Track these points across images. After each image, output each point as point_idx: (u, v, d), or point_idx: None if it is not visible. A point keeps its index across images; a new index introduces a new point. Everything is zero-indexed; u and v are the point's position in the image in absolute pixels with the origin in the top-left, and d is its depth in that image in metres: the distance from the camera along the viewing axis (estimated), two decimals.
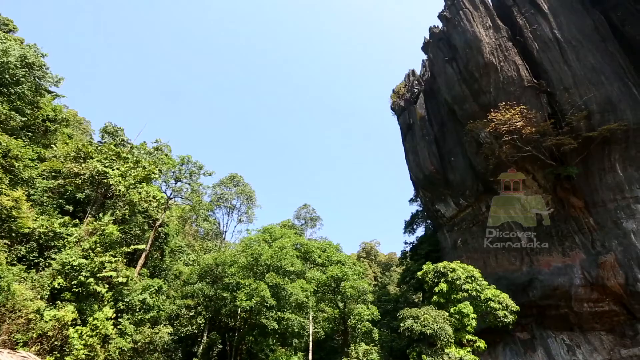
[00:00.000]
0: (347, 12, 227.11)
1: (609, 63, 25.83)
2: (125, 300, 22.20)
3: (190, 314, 29.40)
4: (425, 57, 40.67)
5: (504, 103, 26.36)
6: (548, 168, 25.36)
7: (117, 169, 26.25)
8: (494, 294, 23.42)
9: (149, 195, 26.98)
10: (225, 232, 52.78)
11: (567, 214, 25.06)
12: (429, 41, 37.34)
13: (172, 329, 25.91)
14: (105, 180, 25.13)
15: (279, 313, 27.60)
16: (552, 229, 25.53)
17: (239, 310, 29.57)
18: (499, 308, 22.76)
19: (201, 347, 29.06)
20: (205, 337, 29.75)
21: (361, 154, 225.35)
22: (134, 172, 26.65)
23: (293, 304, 28.17)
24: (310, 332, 30.80)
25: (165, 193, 32.68)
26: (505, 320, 22.55)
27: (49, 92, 31.75)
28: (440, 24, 36.24)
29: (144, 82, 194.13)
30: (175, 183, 33.92)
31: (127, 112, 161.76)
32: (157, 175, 30.19)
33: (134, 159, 28.76)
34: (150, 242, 28.42)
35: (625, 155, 23.57)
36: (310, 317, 30.75)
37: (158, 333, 23.55)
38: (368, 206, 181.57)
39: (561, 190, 25.36)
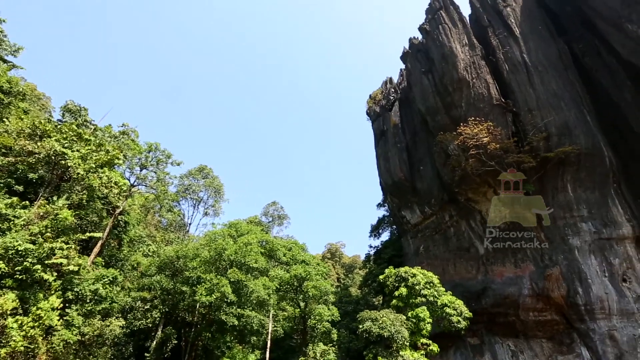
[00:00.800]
0: (331, 17, 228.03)
1: (569, 90, 27.70)
2: (75, 290, 20.97)
3: (146, 307, 28.27)
4: (403, 66, 41.64)
5: (473, 118, 27.53)
6: None
7: (78, 150, 24.71)
8: (450, 300, 24.39)
9: (111, 181, 25.67)
10: (190, 224, 51.31)
11: (521, 227, 26.56)
12: (408, 51, 38.25)
13: (124, 322, 24.78)
14: (63, 162, 23.58)
15: (239, 310, 27.21)
16: (507, 241, 26.98)
17: (198, 305, 28.85)
18: (454, 314, 23.74)
19: (154, 342, 28.04)
20: (159, 332, 28.74)
21: (334, 156, 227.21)
22: (95, 156, 25.22)
23: (254, 301, 27.89)
24: (270, 330, 30.64)
25: (129, 180, 31.25)
26: (459, 325, 23.56)
27: (5, 61, 29.42)
28: (420, 36, 37.23)
29: (118, 65, 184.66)
30: (140, 170, 32.53)
31: (93, 94, 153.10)
32: (121, 161, 28.80)
33: (97, 141, 27.23)
34: (108, 230, 27.06)
35: (576, 177, 25.36)
36: (271, 315, 30.60)
37: (109, 326, 22.43)
38: (336, 208, 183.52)
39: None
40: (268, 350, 29.72)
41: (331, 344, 29.84)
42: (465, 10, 35.71)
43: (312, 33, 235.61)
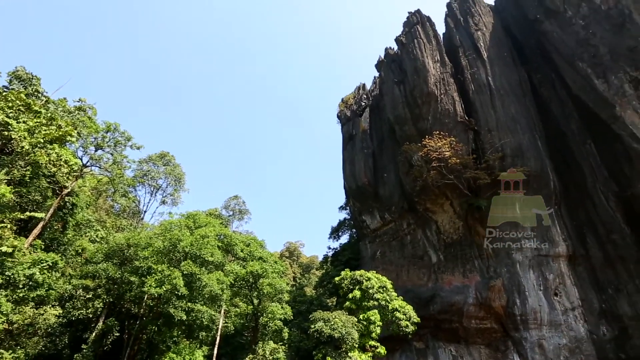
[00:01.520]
0: (309, 14, 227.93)
1: (525, 116, 29.76)
2: (7, 273, 19.23)
3: (88, 296, 26.53)
4: (377, 74, 42.57)
5: (438, 132, 28.72)
6: (464, 197, 28.19)
7: (24, 122, 22.68)
8: (401, 305, 25.23)
9: (60, 159, 23.84)
10: (145, 212, 48.87)
11: (472, 240, 28.13)
12: (383, 60, 39.15)
13: (61, 311, 23.11)
14: (6, 133, 21.51)
15: (189, 304, 26.32)
16: (458, 251, 28.45)
17: (146, 296, 27.59)
18: (403, 318, 24.57)
19: (94, 334, 26.40)
20: (100, 323, 27.09)
21: (301, 155, 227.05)
22: (45, 130, 23.26)
23: (206, 296, 27.12)
24: (220, 326, 30.00)
25: (81, 160, 29.20)
26: (407, 330, 24.42)
27: None
28: (395, 47, 38.25)
29: (84, 39, 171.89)
30: (95, 151, 30.50)
31: (50, 65, 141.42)
32: (74, 139, 26.78)
33: (48, 115, 25.12)
34: (52, 211, 25.10)
35: (522, 197, 27.26)
36: (222, 311, 29.98)
37: (43, 314, 20.80)
38: (299, 207, 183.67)
39: (471, 218, 28.36)
40: (217, 346, 29.09)
41: (281, 343, 29.78)
42: (440, 28, 37.24)
43: (289, 29, 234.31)
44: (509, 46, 34.46)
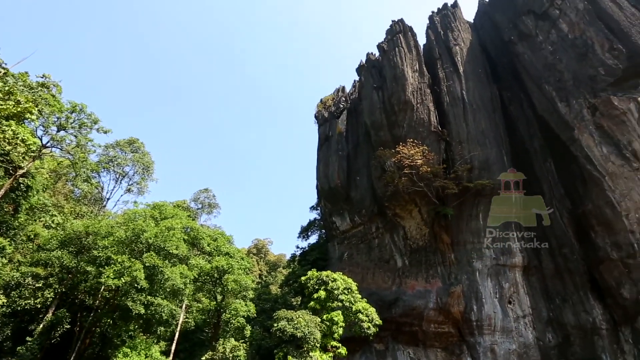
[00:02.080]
0: (294, 12, 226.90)
1: (494, 131, 31.18)
2: None
3: (37, 285, 24.94)
4: (357, 78, 43.07)
5: (412, 140, 29.43)
6: (432, 205, 29.09)
7: None
8: (364, 307, 25.61)
9: (17, 137, 22.29)
10: (108, 199, 46.61)
11: (437, 247, 29.09)
12: (364, 65, 39.65)
13: (5, 300, 21.58)
14: None
15: (149, 297, 25.40)
16: (422, 257, 29.33)
17: (103, 288, 26.34)
18: (366, 320, 24.93)
19: (41, 325, 24.83)
20: (50, 314, 25.54)
21: (275, 152, 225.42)
22: (1, 105, 21.62)
23: (168, 290, 26.29)
24: (180, 322, 29.20)
25: (41, 139, 27.42)
26: (368, 331, 24.80)
27: None
28: (377, 53, 38.86)
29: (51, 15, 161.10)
30: (57, 131, 28.73)
31: (14, 37, 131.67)
32: (34, 116, 25.00)
33: (7, 88, 23.36)
34: (2, 192, 23.39)
35: (487, 208, 28.55)
36: (184, 306, 29.19)
37: None
38: (270, 204, 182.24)
39: (437, 226, 29.31)
40: (175, 342, 28.27)
41: (243, 341, 29.41)
42: (421, 39, 38.29)
43: (272, 26, 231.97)
44: (484, 63, 35.98)
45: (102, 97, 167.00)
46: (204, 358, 27.37)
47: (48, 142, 28.08)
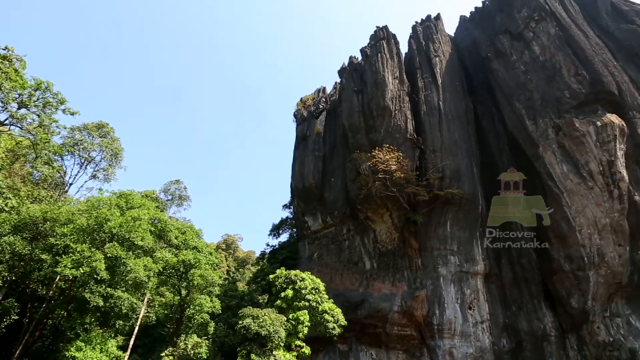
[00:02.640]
0: (281, 7, 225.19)
1: (466, 142, 32.34)
2: None
3: None
4: (339, 80, 43.34)
5: (388, 145, 29.95)
6: (403, 211, 29.75)
7: None
8: (331, 307, 25.83)
9: None
10: (71, 184, 43.99)
11: (405, 252, 29.78)
12: (346, 68, 39.97)
13: None
14: None
15: (109, 289, 24.24)
16: (390, 261, 29.95)
17: (58, 278, 24.91)
18: (331, 321, 25.15)
19: None
20: None
21: (252, 149, 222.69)
22: None
23: (130, 282, 25.21)
24: (141, 316, 28.15)
25: None
26: (333, 332, 25.04)
27: None
28: (359, 57, 39.30)
29: None
30: (18, 109, 26.92)
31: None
32: None
33: None
34: None
35: (455, 217, 29.58)
36: (146, 300, 28.18)
37: None
38: (242, 200, 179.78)
39: (407, 231, 30.02)
40: (134, 336, 27.23)
41: (206, 337, 28.78)
42: (403, 47, 39.10)
43: (258, 21, 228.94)
44: (461, 76, 37.28)
45: (71, 77, 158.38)
46: (163, 354, 26.57)
47: (7, 119, 26.26)
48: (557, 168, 27.15)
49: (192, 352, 26.70)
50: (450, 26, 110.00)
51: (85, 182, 48.62)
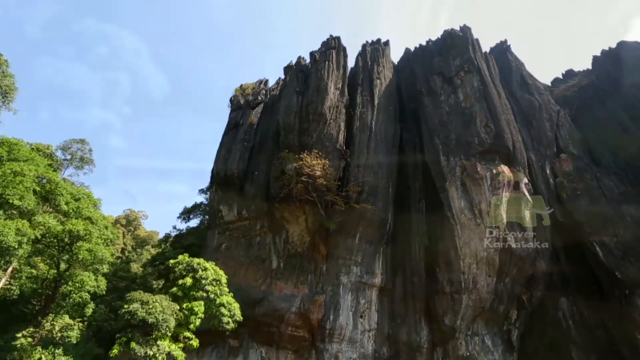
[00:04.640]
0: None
1: (387, 164, 34.78)
2: None
3: None
4: (282, 76, 43.13)
5: (317, 151, 30.67)
6: (318, 216, 30.61)
7: None
8: (229, 301, 25.13)
9: None
10: None
11: (313, 256, 30.67)
12: (292, 66, 39.99)
13: None
14: None
15: None
16: (298, 262, 30.56)
17: None
18: (227, 315, 24.44)
19: None
20: None
21: (178, 124, 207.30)
22: None
23: None
24: None
25: None
26: (227, 327, 24.37)
27: None
28: (308, 59, 39.71)
29: None
30: None
31: None
32: None
33: None
34: None
35: (365, 230, 31.43)
36: (10, 269, 24.02)
37: None
38: (154, 176, 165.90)
39: (318, 237, 30.96)
40: None
41: (80, 319, 25.58)
42: (350, 61, 40.62)
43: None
44: (396, 102, 40.12)
45: None
46: (20, 334, 22.80)
47: None
48: (456, 202, 30.75)
49: (59, 334, 23.47)
50: (395, 53, 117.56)
51: None
